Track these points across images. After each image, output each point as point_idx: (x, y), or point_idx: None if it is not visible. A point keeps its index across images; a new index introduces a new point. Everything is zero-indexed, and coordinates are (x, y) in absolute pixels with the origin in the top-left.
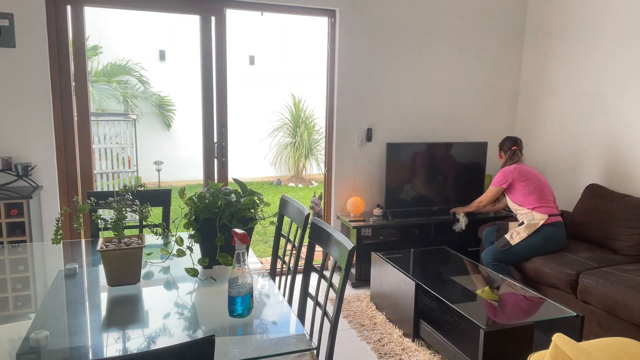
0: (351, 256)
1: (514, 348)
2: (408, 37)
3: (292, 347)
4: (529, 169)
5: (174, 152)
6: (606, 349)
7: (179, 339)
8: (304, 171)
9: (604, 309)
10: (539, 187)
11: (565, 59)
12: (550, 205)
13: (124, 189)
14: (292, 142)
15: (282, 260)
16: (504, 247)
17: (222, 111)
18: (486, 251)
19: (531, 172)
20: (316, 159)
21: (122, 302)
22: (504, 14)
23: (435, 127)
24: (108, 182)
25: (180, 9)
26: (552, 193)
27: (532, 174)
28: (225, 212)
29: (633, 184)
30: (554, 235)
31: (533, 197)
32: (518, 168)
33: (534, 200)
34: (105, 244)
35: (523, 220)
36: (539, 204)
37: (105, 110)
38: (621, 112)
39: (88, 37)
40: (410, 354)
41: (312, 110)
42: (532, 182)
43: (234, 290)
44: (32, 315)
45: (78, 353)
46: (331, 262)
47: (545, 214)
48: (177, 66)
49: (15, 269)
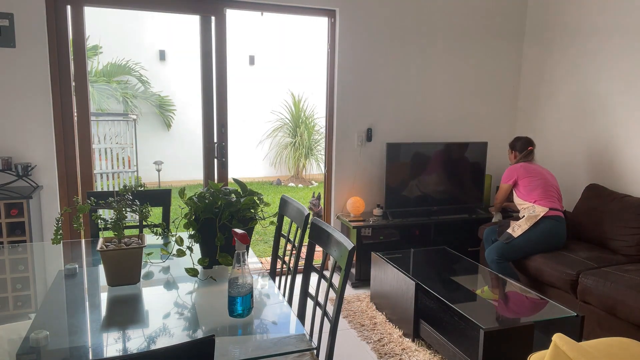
0: (351, 256)
1: (514, 348)
2: (408, 37)
3: (292, 347)
4: (535, 166)
5: (174, 152)
6: (606, 349)
7: (179, 339)
8: (304, 171)
9: (604, 309)
10: (543, 184)
11: (565, 59)
12: (553, 200)
13: (124, 189)
14: (292, 142)
15: (282, 260)
16: (508, 239)
17: (222, 111)
18: (489, 249)
19: (537, 170)
20: (316, 159)
21: (122, 302)
22: (504, 14)
23: (435, 127)
24: (108, 182)
25: (180, 9)
26: (558, 191)
27: (537, 171)
28: (225, 212)
29: (633, 184)
30: (554, 229)
31: (537, 192)
32: (524, 166)
33: (537, 195)
34: (105, 244)
35: (524, 214)
36: (540, 198)
37: (105, 110)
38: (621, 112)
39: (88, 37)
40: (410, 354)
41: (312, 110)
42: (536, 179)
43: (234, 290)
44: (32, 315)
45: (78, 353)
46: (331, 262)
47: (546, 207)
48: (177, 66)
49: (15, 269)
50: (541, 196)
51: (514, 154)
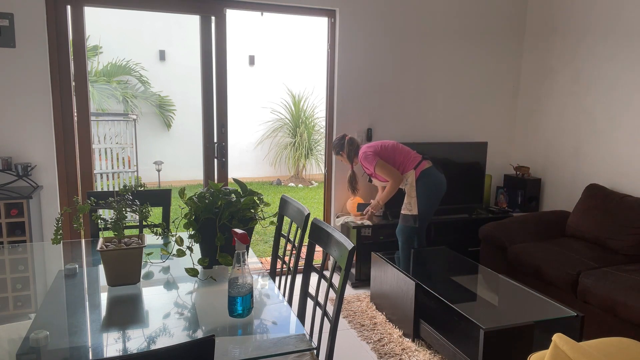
0: (351, 256)
1: (514, 348)
2: (408, 37)
3: (292, 347)
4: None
5: (174, 152)
6: (606, 349)
7: (179, 339)
8: (304, 171)
9: (604, 309)
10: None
11: (565, 59)
12: (412, 160)
13: (124, 189)
14: (292, 142)
15: (282, 260)
16: (414, 221)
17: (222, 111)
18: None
19: (378, 144)
20: (316, 159)
21: (122, 302)
22: (504, 14)
23: (435, 127)
24: (108, 182)
25: (180, 9)
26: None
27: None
28: (225, 212)
29: (633, 184)
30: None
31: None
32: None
33: (398, 164)
34: (105, 244)
35: (403, 188)
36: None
37: (105, 110)
38: (621, 112)
39: (88, 37)
40: (410, 354)
41: (312, 110)
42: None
43: (234, 290)
44: (32, 315)
45: (78, 353)
46: (331, 262)
47: (411, 169)
48: (177, 66)
49: (15, 269)
50: (402, 163)
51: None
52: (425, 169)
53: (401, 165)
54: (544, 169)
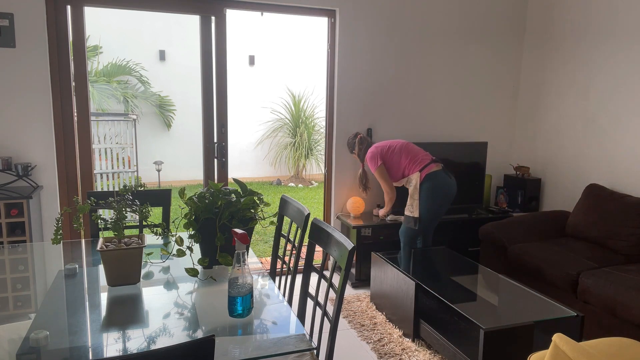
0: (351, 256)
1: (514, 348)
2: (408, 37)
3: (292, 347)
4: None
5: (174, 152)
6: (606, 349)
7: (179, 339)
8: (304, 171)
9: (604, 309)
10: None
11: (565, 59)
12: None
13: (124, 189)
14: (292, 142)
15: (282, 260)
16: (415, 223)
17: (222, 111)
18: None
19: (387, 143)
20: (316, 159)
21: (122, 302)
22: (504, 14)
23: (435, 127)
24: (108, 182)
25: (180, 9)
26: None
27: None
28: (225, 212)
29: (633, 184)
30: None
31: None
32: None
33: (405, 165)
34: (105, 244)
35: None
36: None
37: (105, 110)
38: (621, 112)
39: (88, 37)
40: (410, 354)
41: (312, 110)
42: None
43: (234, 290)
44: (32, 315)
45: (78, 353)
46: (331, 262)
47: (416, 171)
48: (177, 66)
49: (15, 269)
50: (406, 166)
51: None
52: (432, 172)
53: (406, 168)
54: (544, 169)
